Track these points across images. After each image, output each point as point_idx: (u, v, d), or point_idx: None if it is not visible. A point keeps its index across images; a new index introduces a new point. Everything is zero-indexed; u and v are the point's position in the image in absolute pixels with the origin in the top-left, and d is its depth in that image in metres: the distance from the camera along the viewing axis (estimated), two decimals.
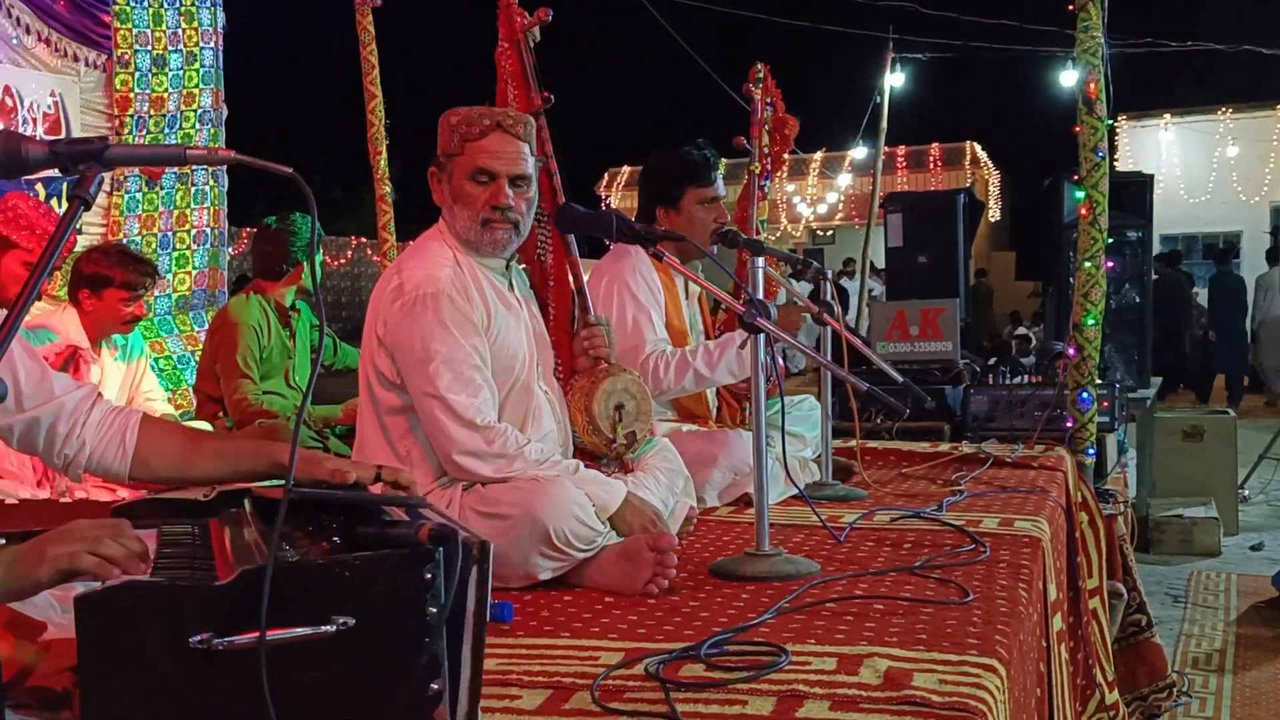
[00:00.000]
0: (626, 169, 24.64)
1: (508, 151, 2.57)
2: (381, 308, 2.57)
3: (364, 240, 19.94)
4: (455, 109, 2.62)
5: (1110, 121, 4.30)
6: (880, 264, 14.30)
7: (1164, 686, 4.02)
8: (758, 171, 3.93)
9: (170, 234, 6.03)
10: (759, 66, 4.01)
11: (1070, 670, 3.10)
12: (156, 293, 5.86)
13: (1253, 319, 14.02)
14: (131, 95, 5.76)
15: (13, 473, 3.30)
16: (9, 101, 5.20)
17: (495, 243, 2.61)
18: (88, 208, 1.43)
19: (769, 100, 4.04)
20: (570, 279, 3.03)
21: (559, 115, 3.07)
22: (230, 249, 7.30)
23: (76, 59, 5.58)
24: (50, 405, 1.87)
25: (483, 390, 2.51)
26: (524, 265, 2.91)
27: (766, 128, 4.00)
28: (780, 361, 3.19)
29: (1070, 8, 4.24)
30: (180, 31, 5.94)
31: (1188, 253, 17.07)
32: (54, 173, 1.69)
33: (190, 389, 5.42)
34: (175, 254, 6.06)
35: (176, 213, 6.04)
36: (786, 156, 4.41)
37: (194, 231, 6.14)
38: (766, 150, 4.00)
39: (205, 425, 4.03)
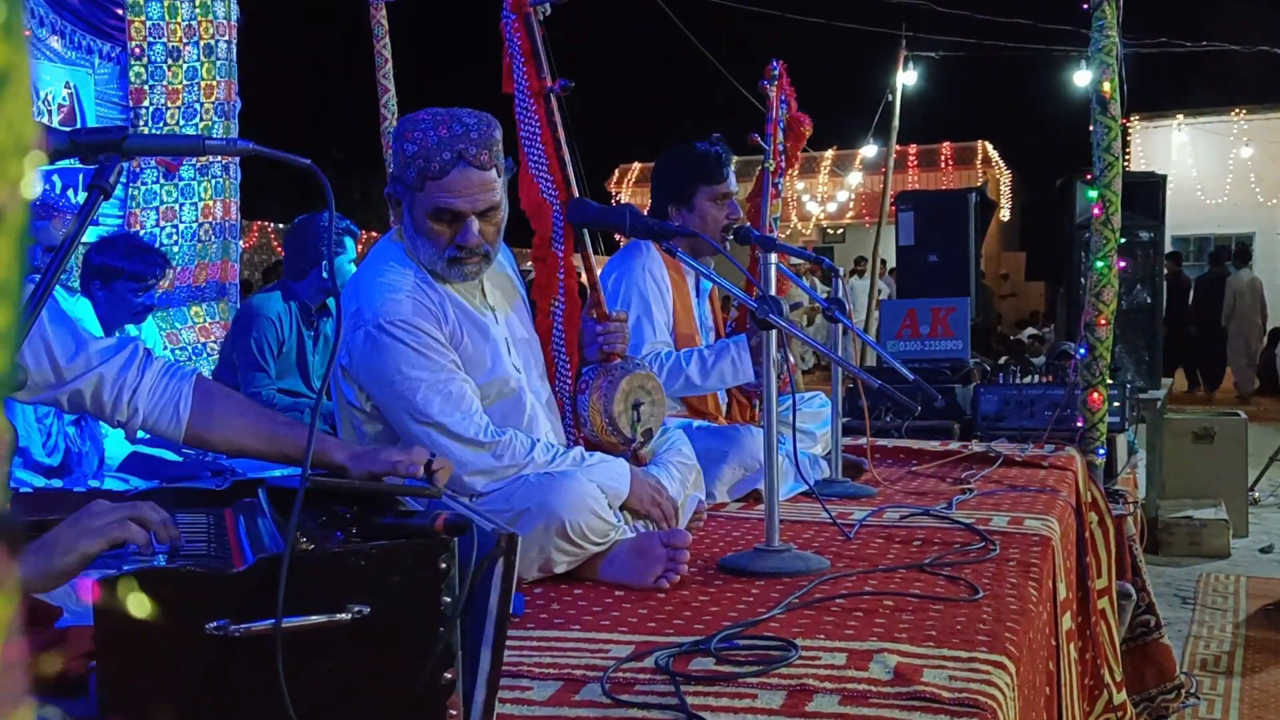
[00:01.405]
0: (637, 165, 24.66)
1: (473, 188, 2.36)
2: (343, 334, 2.44)
3: (375, 234, 20.00)
4: (412, 125, 2.36)
5: (1123, 121, 4.29)
6: (891, 262, 14.32)
7: (1172, 688, 4.02)
8: (772, 169, 3.92)
9: (195, 226, 6.04)
10: (774, 63, 4.00)
11: (1079, 670, 3.10)
12: (177, 284, 5.88)
13: (1225, 318, 14.49)
14: (146, 88, 5.77)
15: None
16: None
17: (464, 276, 2.49)
18: (107, 197, 1.44)
19: (783, 98, 4.03)
20: (581, 272, 3.03)
21: (569, 110, 3.06)
22: (242, 242, 7.31)
23: (90, 51, 5.59)
24: (89, 376, 1.86)
25: (474, 401, 2.44)
26: (530, 263, 2.89)
27: (781, 125, 3.99)
28: (791, 359, 3.19)
29: (1085, 7, 4.23)
30: (195, 24, 5.95)
31: (1199, 254, 17.22)
32: (70, 163, 1.70)
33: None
34: (199, 246, 6.07)
35: (203, 205, 6.06)
36: (798, 154, 4.40)
37: (215, 224, 6.16)
38: (782, 148, 3.99)
39: None
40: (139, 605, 1.19)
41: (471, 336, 2.51)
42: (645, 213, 3.03)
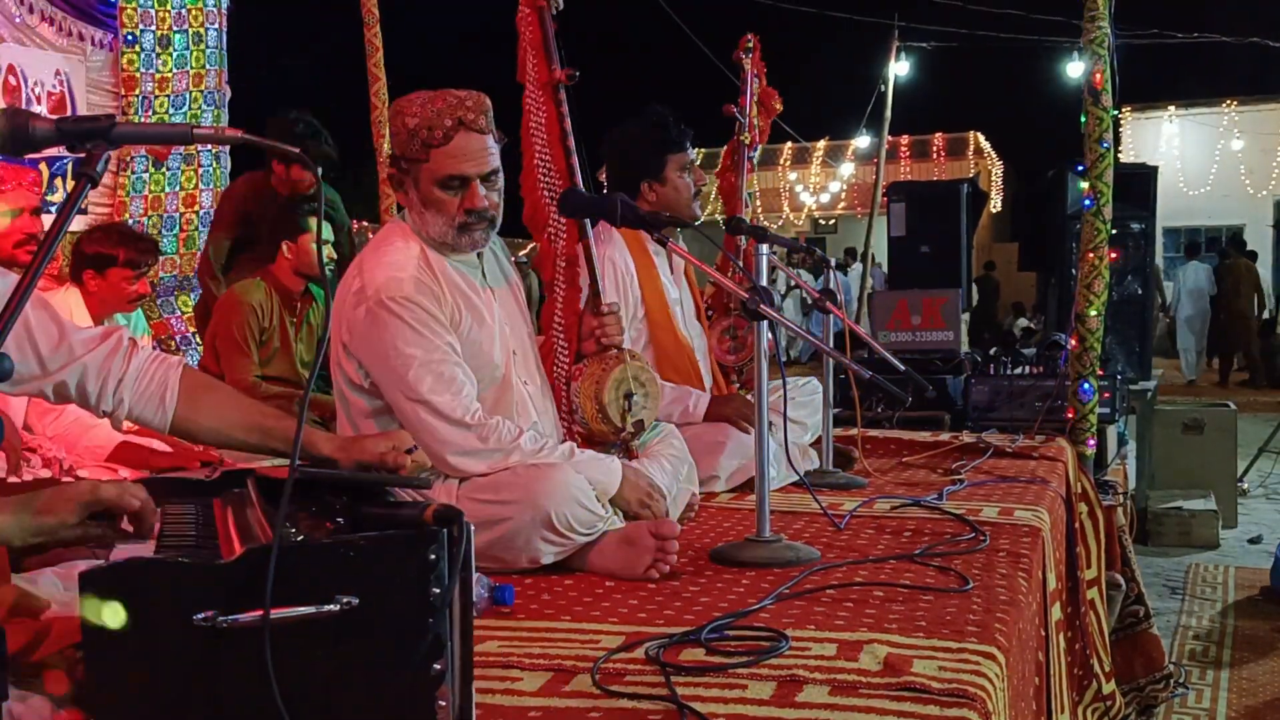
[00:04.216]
0: None
1: (476, 152, 2.46)
2: (345, 312, 2.49)
3: (365, 224, 19.89)
4: (407, 103, 2.48)
5: (1115, 112, 4.28)
6: (882, 254, 14.32)
7: (1161, 678, 4.04)
8: (748, 142, 3.92)
9: (177, 215, 6.02)
10: (749, 36, 4.00)
11: (1068, 659, 3.11)
12: (161, 273, 5.86)
13: (1172, 306, 15.14)
14: (137, 75, 5.74)
15: None
16: (13, 80, 5.19)
17: (474, 244, 2.56)
18: (94, 185, 1.42)
19: (756, 72, 4.03)
20: (582, 261, 3.02)
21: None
22: None
23: (82, 38, 5.57)
24: (73, 367, 1.86)
25: (465, 386, 2.47)
26: (533, 245, 2.91)
27: (755, 99, 4.00)
28: (781, 341, 3.18)
29: None
30: (185, 11, 5.93)
31: (1190, 246, 17.34)
32: (57, 151, 1.68)
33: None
34: (184, 235, 6.05)
35: (184, 194, 6.04)
36: (790, 145, 4.41)
37: (201, 213, 6.13)
38: (755, 121, 3.99)
39: None
40: (113, 615, 1.19)
41: (468, 317, 2.54)
42: (606, 192, 3.02)
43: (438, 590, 1.27)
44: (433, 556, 1.27)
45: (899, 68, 15.27)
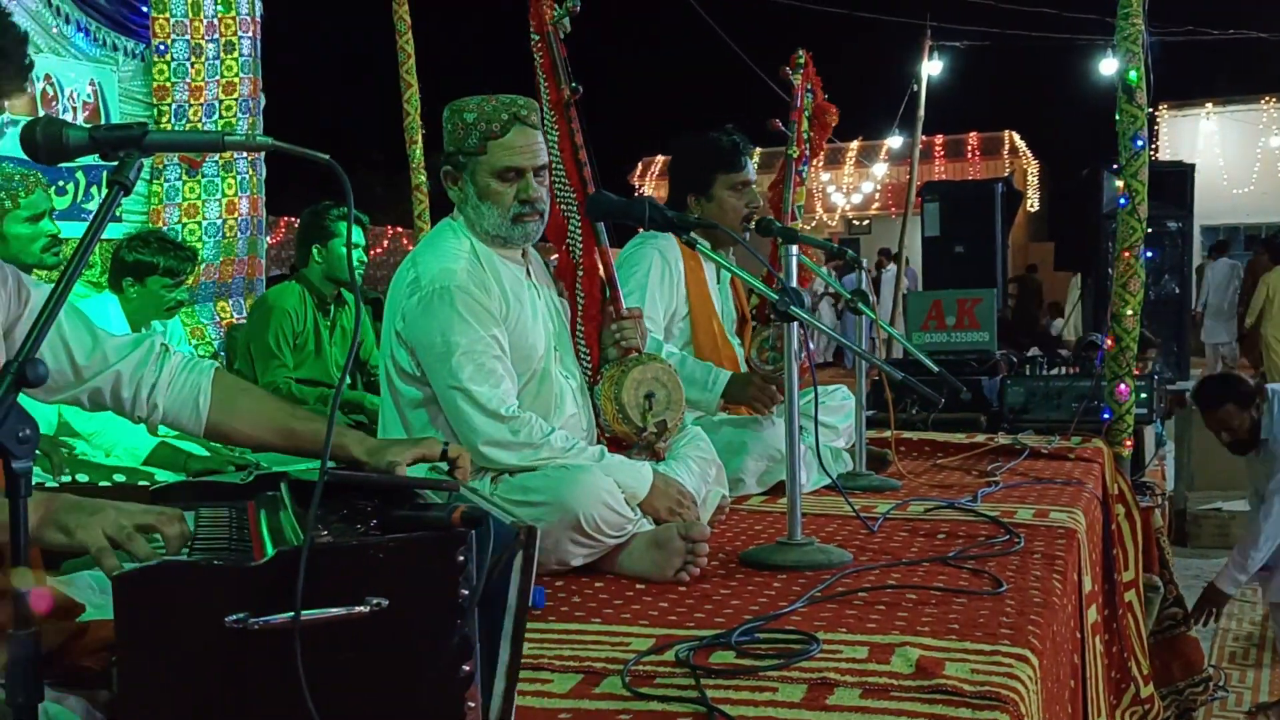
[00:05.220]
0: (660, 158, 24.64)
1: (530, 145, 2.59)
2: (398, 302, 2.58)
3: (400, 230, 19.99)
4: (463, 102, 2.60)
5: (1150, 110, 4.24)
6: (917, 254, 14.25)
7: (1200, 681, 3.99)
8: (795, 156, 3.91)
9: (220, 222, 6.07)
10: (800, 52, 3.98)
11: (1105, 663, 3.08)
12: (203, 279, 5.91)
13: (1200, 304, 14.86)
14: (170, 84, 5.80)
15: None
16: (49, 90, 5.25)
17: (527, 235, 2.65)
18: (127, 193, 1.44)
19: (809, 87, 4.01)
20: (600, 269, 3.04)
21: (593, 104, 3.09)
22: (268, 238, 7.34)
23: (115, 48, 5.62)
24: (107, 374, 1.88)
25: (505, 380, 2.53)
26: (554, 256, 2.93)
27: (806, 114, 3.97)
28: (811, 345, 3.17)
29: None
30: (217, 20, 5.97)
31: (1219, 244, 17.20)
32: (94, 159, 1.69)
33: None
34: (224, 242, 6.10)
35: (226, 200, 6.09)
36: (824, 143, 4.38)
37: (240, 219, 6.18)
38: (805, 136, 3.96)
39: None
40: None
41: (516, 307, 2.61)
42: (664, 203, 3.04)
43: (466, 592, 1.27)
44: (461, 558, 1.27)
45: (931, 67, 15.20)
